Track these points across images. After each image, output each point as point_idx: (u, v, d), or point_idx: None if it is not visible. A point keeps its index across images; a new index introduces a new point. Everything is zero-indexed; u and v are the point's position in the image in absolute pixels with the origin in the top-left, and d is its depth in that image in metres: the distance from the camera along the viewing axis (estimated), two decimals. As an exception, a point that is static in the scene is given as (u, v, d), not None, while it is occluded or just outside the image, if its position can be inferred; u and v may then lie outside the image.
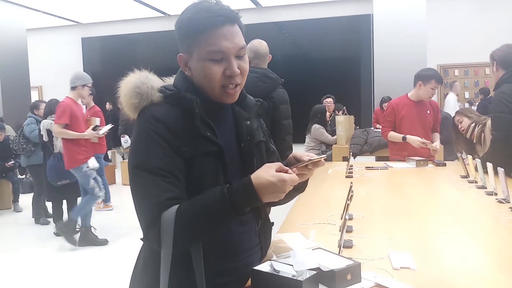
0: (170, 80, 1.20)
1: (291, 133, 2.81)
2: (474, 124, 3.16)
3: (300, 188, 1.23)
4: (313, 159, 1.10)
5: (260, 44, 2.89)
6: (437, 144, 3.50)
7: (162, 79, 1.19)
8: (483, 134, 3.07)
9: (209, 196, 1.00)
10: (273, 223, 1.33)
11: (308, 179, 1.20)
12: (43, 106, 5.31)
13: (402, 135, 3.50)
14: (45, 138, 4.69)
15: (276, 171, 0.98)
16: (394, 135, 3.58)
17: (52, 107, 4.78)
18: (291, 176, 0.97)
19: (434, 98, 3.75)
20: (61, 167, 4.37)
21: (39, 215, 5.30)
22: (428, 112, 3.58)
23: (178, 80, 1.17)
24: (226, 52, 1.07)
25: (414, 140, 3.40)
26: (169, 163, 1.04)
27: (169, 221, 0.98)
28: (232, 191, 0.97)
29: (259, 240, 1.23)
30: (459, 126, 3.27)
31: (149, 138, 1.05)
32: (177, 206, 1.00)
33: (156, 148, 1.04)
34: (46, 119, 4.77)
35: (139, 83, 1.11)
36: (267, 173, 0.97)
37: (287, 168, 1.01)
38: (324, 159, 1.12)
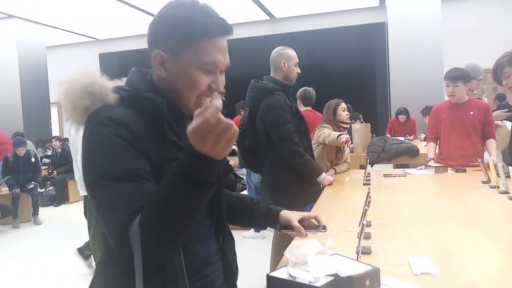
0: (118, 82, 1.06)
1: (287, 138, 2.67)
2: None
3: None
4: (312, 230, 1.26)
5: (273, 51, 2.89)
6: (493, 157, 3.10)
7: (111, 80, 1.05)
8: None
9: (164, 182, 0.85)
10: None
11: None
12: None
13: (430, 156, 3.41)
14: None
15: None
16: (428, 148, 3.51)
17: None
18: (210, 104, 0.77)
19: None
20: None
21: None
22: (472, 113, 3.28)
23: (135, 80, 1.04)
24: (218, 66, 1.00)
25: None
26: (136, 166, 0.90)
27: (136, 228, 0.84)
28: (180, 162, 0.83)
29: (220, 257, 1.12)
30: None
31: (110, 142, 0.90)
32: None
33: (119, 152, 0.90)
34: None
35: (90, 82, 0.98)
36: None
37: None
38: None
